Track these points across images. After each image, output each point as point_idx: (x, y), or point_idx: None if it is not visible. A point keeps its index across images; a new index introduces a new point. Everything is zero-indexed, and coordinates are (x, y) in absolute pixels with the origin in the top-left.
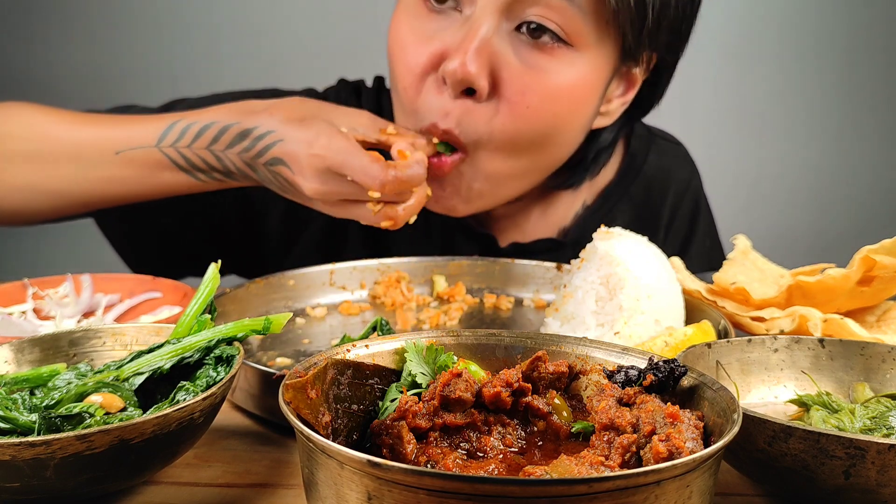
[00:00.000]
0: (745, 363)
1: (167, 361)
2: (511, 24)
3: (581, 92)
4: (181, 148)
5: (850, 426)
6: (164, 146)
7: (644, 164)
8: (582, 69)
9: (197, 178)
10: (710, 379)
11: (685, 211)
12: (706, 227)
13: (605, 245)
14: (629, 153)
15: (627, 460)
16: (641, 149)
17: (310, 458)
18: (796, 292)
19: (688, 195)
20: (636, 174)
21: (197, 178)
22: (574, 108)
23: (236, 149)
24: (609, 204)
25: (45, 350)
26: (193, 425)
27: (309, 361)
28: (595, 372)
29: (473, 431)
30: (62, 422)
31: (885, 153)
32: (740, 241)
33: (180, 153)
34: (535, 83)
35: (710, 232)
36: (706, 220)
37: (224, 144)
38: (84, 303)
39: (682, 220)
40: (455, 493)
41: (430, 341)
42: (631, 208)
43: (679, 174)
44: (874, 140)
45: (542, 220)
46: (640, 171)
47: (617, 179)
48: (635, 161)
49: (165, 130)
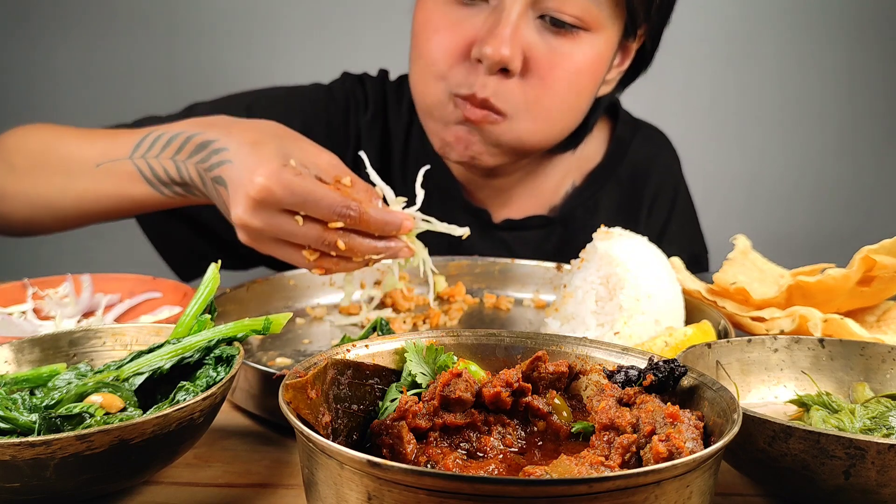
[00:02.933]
0: (745, 363)
1: (167, 361)
2: (535, 13)
3: (598, 67)
4: (150, 158)
5: (850, 426)
6: (136, 157)
7: (629, 149)
8: (598, 47)
9: (160, 191)
10: (710, 379)
11: (666, 195)
12: (683, 211)
13: (605, 245)
14: (615, 138)
15: (627, 460)
16: (627, 135)
17: (310, 458)
18: (796, 292)
19: (669, 179)
20: (622, 157)
21: (160, 191)
22: (592, 80)
23: (194, 159)
24: (596, 185)
25: (45, 350)
26: (193, 425)
27: (309, 361)
28: (595, 372)
29: (473, 431)
30: (62, 422)
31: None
32: (740, 241)
33: (148, 164)
34: (561, 62)
35: (689, 216)
36: (683, 204)
37: (186, 154)
38: (84, 303)
39: (663, 203)
40: (455, 493)
41: (430, 341)
42: (617, 189)
43: (662, 159)
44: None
45: (533, 197)
46: (626, 154)
47: (604, 162)
48: (621, 145)
49: (139, 142)
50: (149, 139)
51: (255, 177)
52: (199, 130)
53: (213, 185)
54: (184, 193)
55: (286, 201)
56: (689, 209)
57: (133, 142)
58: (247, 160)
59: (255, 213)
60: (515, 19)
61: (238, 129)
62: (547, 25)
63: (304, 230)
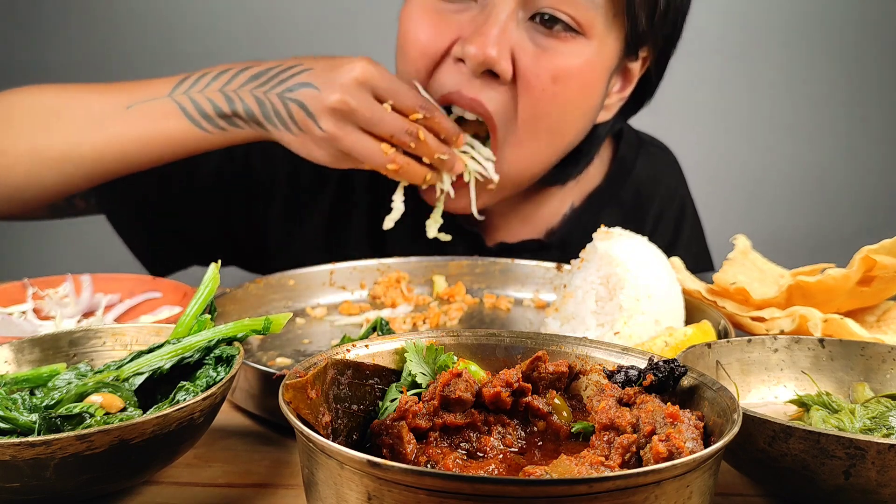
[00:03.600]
0: (745, 363)
1: (167, 361)
2: (526, 14)
3: (590, 76)
4: (194, 94)
5: (850, 426)
6: (177, 94)
7: (633, 169)
8: (591, 56)
9: (201, 126)
10: (710, 379)
11: (670, 216)
12: (691, 232)
13: (605, 245)
14: (618, 157)
15: (627, 460)
16: (630, 154)
17: (310, 458)
18: (796, 292)
19: (674, 201)
20: (625, 178)
21: (201, 126)
22: (584, 91)
23: (250, 85)
24: (596, 207)
25: (45, 350)
26: (193, 425)
27: (309, 361)
28: (595, 372)
29: (473, 431)
30: (62, 422)
31: (886, 153)
32: (740, 241)
33: (191, 98)
34: (551, 66)
35: (697, 237)
36: (691, 225)
37: (238, 84)
38: (84, 303)
39: (667, 225)
40: (455, 493)
41: (430, 341)
42: (618, 212)
43: (666, 180)
44: (875, 140)
45: (529, 220)
46: (629, 175)
47: (605, 183)
48: (624, 165)
49: (180, 81)
50: (191, 78)
51: (355, 65)
52: (249, 65)
53: (279, 98)
54: (226, 126)
55: (382, 86)
56: (696, 228)
57: (172, 82)
58: (333, 63)
59: (354, 92)
60: (504, 19)
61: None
62: (539, 28)
63: (392, 117)
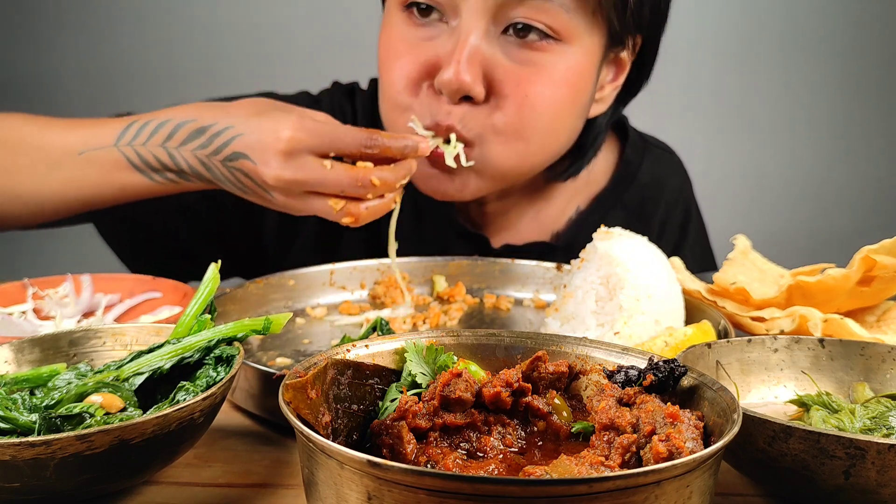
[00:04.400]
0: (745, 363)
1: (167, 361)
2: (498, 29)
3: (575, 78)
4: (137, 146)
5: (850, 426)
6: (122, 145)
7: (638, 172)
8: (572, 59)
9: (152, 178)
10: (710, 379)
11: (676, 219)
12: (696, 235)
13: (605, 245)
14: (624, 160)
15: (627, 460)
16: (636, 157)
17: (310, 458)
18: (796, 292)
19: (679, 204)
20: (630, 181)
21: (152, 178)
22: (570, 93)
23: (191, 145)
24: (602, 209)
25: (45, 350)
26: (193, 425)
27: (309, 361)
28: (595, 372)
29: (473, 431)
30: (62, 422)
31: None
32: (740, 241)
33: (136, 151)
34: (529, 75)
35: (701, 240)
36: (696, 228)
37: (178, 141)
38: (84, 303)
39: (673, 228)
40: (455, 493)
41: (430, 341)
42: (624, 215)
43: (672, 183)
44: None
45: (535, 222)
46: (635, 178)
47: (611, 186)
48: (629, 168)
49: (124, 130)
50: (134, 127)
51: (280, 132)
52: (190, 117)
53: (223, 167)
54: (177, 180)
55: (315, 144)
56: (701, 232)
57: (117, 129)
58: (262, 125)
59: (286, 164)
60: (474, 41)
61: (233, 107)
62: (513, 40)
63: (335, 174)
